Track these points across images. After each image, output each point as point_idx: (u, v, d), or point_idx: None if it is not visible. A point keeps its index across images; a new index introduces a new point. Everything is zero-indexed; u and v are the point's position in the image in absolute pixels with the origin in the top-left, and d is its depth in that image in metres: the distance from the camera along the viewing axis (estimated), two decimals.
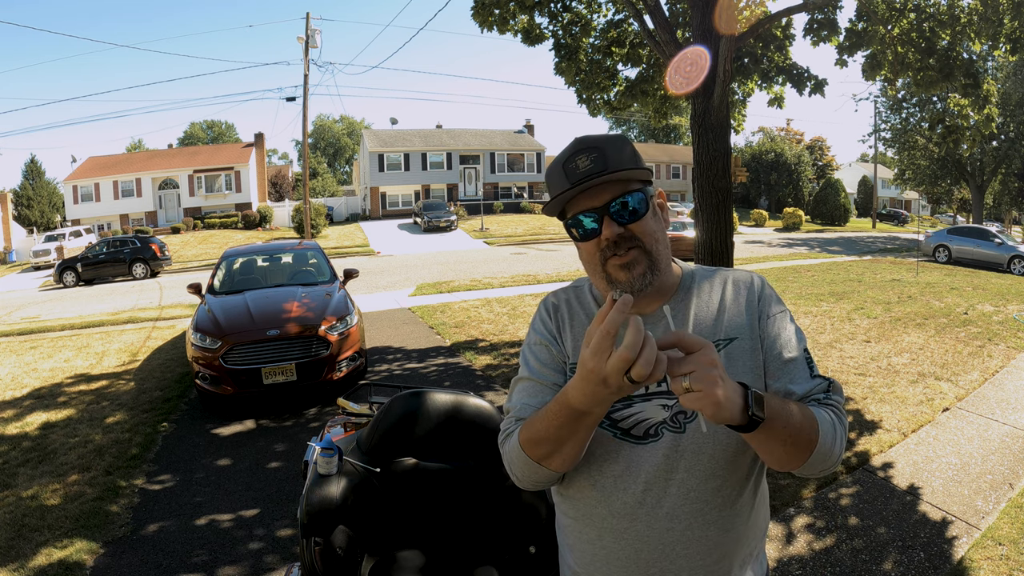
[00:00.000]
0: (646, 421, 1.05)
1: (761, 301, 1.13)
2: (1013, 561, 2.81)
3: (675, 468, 1.04)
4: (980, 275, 14.30)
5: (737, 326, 1.10)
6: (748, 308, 1.12)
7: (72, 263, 19.71)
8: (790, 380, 1.07)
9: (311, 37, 23.73)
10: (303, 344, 5.32)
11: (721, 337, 1.09)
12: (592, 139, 1.07)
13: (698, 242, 6.07)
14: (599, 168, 1.03)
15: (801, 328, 1.17)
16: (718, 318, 1.11)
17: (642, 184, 1.07)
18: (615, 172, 1.02)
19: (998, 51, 6.78)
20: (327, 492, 1.62)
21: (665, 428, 1.05)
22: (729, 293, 1.14)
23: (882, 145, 37.65)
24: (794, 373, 1.07)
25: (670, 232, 6.04)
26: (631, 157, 1.07)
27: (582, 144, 1.06)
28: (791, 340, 1.10)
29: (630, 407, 1.07)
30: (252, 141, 39.99)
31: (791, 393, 1.05)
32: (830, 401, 1.06)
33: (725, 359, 1.07)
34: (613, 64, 7.84)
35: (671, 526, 1.05)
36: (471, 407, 1.84)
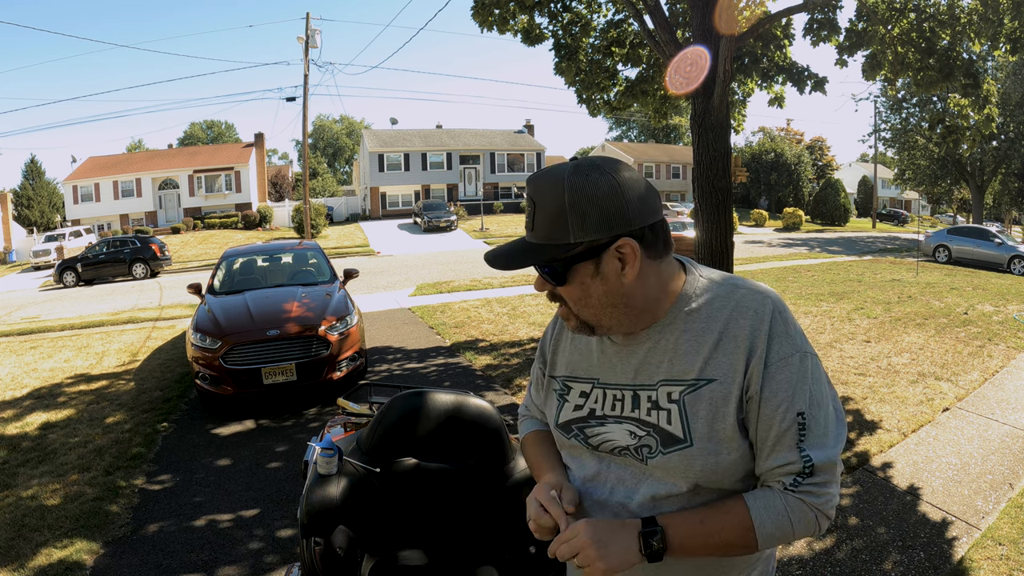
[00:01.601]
0: (612, 442, 1.07)
1: (765, 343, 0.97)
2: (1013, 561, 2.81)
3: (638, 486, 1.06)
4: (980, 275, 14.30)
5: (723, 366, 0.98)
6: (743, 348, 0.98)
7: (72, 263, 19.72)
8: (772, 450, 0.97)
9: (311, 37, 23.74)
10: (303, 344, 5.32)
11: (699, 376, 0.99)
12: (534, 188, 0.98)
13: (698, 242, 6.08)
14: (530, 224, 0.99)
15: (816, 370, 1.00)
16: (702, 353, 1.00)
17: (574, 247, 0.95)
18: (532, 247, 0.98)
19: (998, 51, 6.78)
20: (327, 492, 1.62)
21: (628, 454, 1.06)
22: (728, 324, 1.00)
23: (882, 145, 37.69)
24: (777, 442, 0.97)
25: (671, 232, 6.00)
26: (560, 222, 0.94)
27: (528, 186, 1.00)
28: (786, 398, 0.96)
29: (602, 426, 1.08)
30: (252, 141, 40.01)
31: (764, 464, 0.98)
32: (796, 490, 0.95)
33: (692, 401, 0.99)
34: (613, 64, 7.85)
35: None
36: (471, 407, 1.84)
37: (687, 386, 1.00)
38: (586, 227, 0.94)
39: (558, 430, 1.15)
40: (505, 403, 5.28)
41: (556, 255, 0.96)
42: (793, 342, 0.99)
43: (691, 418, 0.99)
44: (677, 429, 1.00)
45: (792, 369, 0.97)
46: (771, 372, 0.97)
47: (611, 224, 0.94)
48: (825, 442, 0.96)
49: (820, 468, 0.95)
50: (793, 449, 0.96)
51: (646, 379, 1.03)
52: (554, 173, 0.96)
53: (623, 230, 0.94)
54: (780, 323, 0.99)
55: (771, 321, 0.99)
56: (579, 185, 0.94)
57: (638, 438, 1.04)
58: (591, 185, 0.94)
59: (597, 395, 1.09)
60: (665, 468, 1.02)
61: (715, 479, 1.00)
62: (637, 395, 1.04)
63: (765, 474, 0.99)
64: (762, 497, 0.97)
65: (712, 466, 0.99)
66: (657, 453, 1.02)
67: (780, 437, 0.96)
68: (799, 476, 0.95)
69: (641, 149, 49.87)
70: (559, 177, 0.95)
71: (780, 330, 0.99)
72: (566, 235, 0.95)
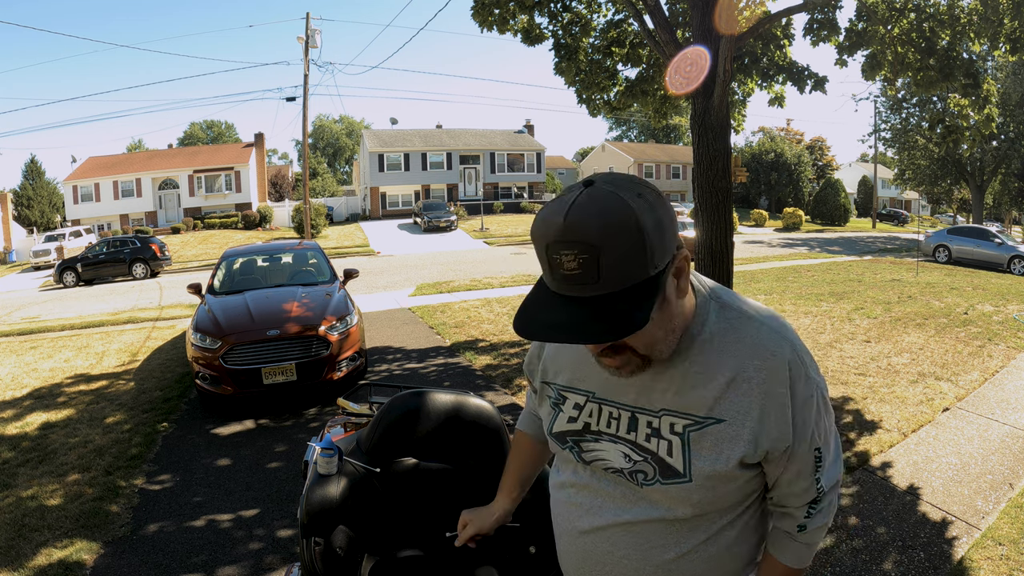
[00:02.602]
0: (605, 461, 1.05)
1: (789, 392, 0.95)
2: (1013, 561, 2.81)
3: (630, 506, 1.04)
4: (980, 275, 14.30)
5: (735, 409, 0.95)
6: (759, 393, 0.94)
7: (72, 263, 19.71)
8: (791, 481, 1.03)
9: (311, 37, 23.74)
10: (303, 344, 5.32)
11: (708, 415, 0.96)
12: (588, 231, 0.79)
13: (698, 242, 6.08)
14: (590, 276, 0.81)
15: (827, 402, 1.02)
16: (713, 391, 0.95)
17: (657, 280, 0.85)
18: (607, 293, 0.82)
19: (998, 51, 6.77)
20: (327, 492, 1.62)
21: (622, 477, 1.04)
22: (744, 365, 0.95)
23: (882, 145, 37.69)
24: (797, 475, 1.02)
25: None
26: (639, 257, 0.81)
27: (575, 233, 0.80)
28: (807, 438, 0.98)
29: (597, 443, 1.06)
30: (252, 141, 40.00)
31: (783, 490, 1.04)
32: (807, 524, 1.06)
33: (697, 438, 0.96)
34: (613, 64, 7.85)
35: (611, 550, 1.06)
36: (471, 407, 1.84)
37: (694, 422, 0.96)
38: (664, 250, 0.84)
39: (552, 438, 1.13)
40: (505, 403, 5.27)
41: (641, 297, 0.83)
42: (811, 382, 0.97)
43: (694, 455, 0.96)
44: (678, 463, 0.97)
45: (812, 409, 0.98)
46: (798, 419, 0.96)
47: (675, 237, 0.87)
48: (833, 467, 1.04)
49: (827, 492, 1.05)
50: (810, 479, 1.02)
51: (647, 404, 1.00)
52: (614, 209, 0.80)
53: (679, 239, 0.89)
54: (799, 365, 0.96)
55: (791, 365, 0.95)
56: (645, 210, 0.82)
57: (633, 463, 1.01)
58: (651, 206, 0.83)
59: (592, 409, 1.06)
60: (664, 495, 1.00)
61: (710, 506, 1.01)
62: (636, 417, 1.01)
63: (784, 500, 1.06)
64: (788, 547, 1.08)
65: (710, 498, 0.99)
66: (655, 481, 1.00)
67: (800, 471, 1.01)
68: (811, 505, 1.04)
69: (641, 149, 49.87)
70: (625, 212, 0.80)
71: (800, 373, 0.96)
72: (646, 268, 0.82)
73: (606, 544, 1.06)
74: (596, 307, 0.82)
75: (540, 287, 0.89)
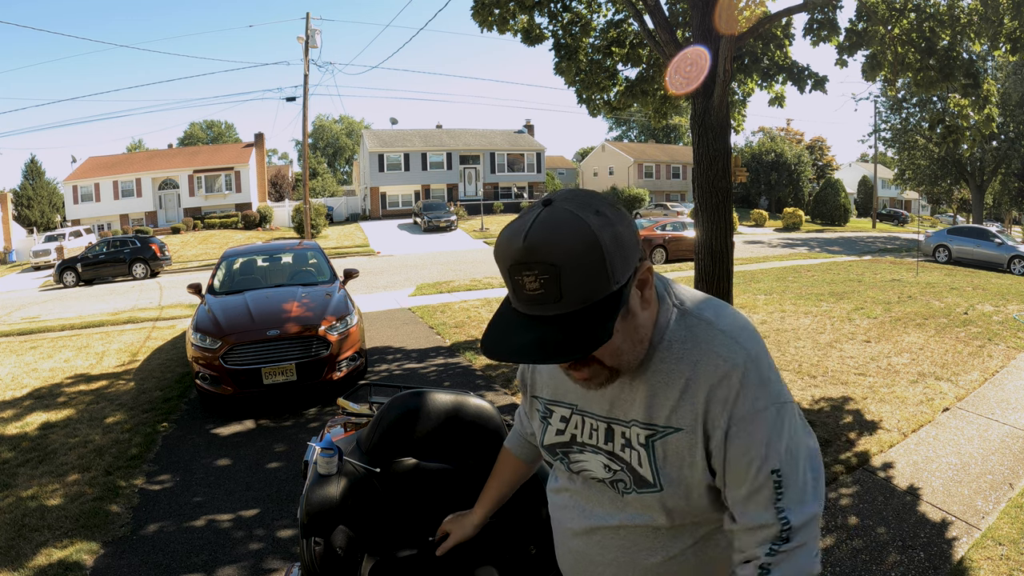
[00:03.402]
0: (589, 472, 1.09)
1: (734, 397, 0.90)
2: (1013, 561, 2.81)
3: (617, 513, 1.07)
4: (980, 275, 14.30)
5: (688, 415, 0.94)
6: (703, 399, 0.92)
7: (72, 263, 19.72)
8: (744, 502, 0.92)
9: (311, 37, 23.74)
10: (303, 344, 5.32)
11: (667, 424, 0.96)
12: (548, 251, 0.80)
13: (698, 242, 6.08)
14: (552, 295, 0.81)
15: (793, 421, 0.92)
16: (670, 399, 0.95)
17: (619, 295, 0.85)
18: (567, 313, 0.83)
19: (998, 51, 6.77)
20: (327, 492, 1.62)
21: (605, 487, 1.07)
22: (695, 370, 0.93)
23: (882, 145, 37.70)
24: (750, 497, 0.91)
25: (670, 232, 6.12)
26: (600, 274, 0.82)
27: (535, 254, 0.80)
28: (759, 454, 0.89)
29: (581, 453, 1.09)
30: (252, 141, 40.01)
31: (739, 516, 0.93)
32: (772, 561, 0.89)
33: (660, 447, 0.96)
34: (613, 64, 7.85)
35: (601, 552, 1.10)
36: (471, 407, 1.84)
37: (655, 432, 0.97)
38: (625, 265, 0.85)
39: (544, 450, 1.17)
40: (505, 403, 5.27)
41: (604, 312, 0.83)
42: (768, 393, 0.90)
43: (660, 464, 0.97)
44: (647, 473, 0.99)
45: (767, 423, 0.89)
46: (742, 426, 0.90)
47: (636, 251, 0.87)
48: (804, 498, 0.90)
49: (798, 529, 0.89)
50: (770, 508, 0.89)
51: (620, 415, 1.01)
52: (571, 228, 0.81)
53: (641, 252, 0.88)
54: (753, 373, 0.91)
55: (743, 372, 0.90)
56: (604, 227, 0.82)
57: (612, 472, 1.04)
58: (610, 222, 0.84)
59: (577, 421, 1.08)
60: (641, 503, 1.03)
61: (690, 515, 1.01)
62: (611, 428, 1.03)
63: (740, 535, 0.93)
64: None
65: (684, 506, 1.00)
66: (632, 490, 1.02)
67: (753, 494, 0.90)
68: (775, 543, 0.89)
69: (641, 149, 49.88)
70: (583, 230, 0.81)
71: (753, 380, 0.90)
72: (607, 284, 0.83)
73: (596, 547, 1.10)
74: (560, 325, 0.83)
75: (506, 307, 0.90)
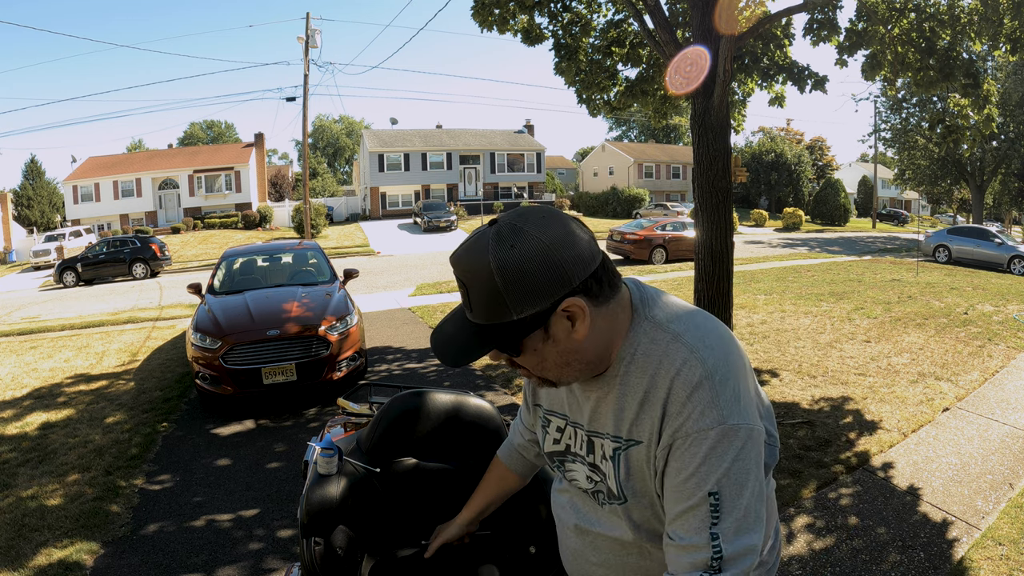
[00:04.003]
0: (577, 482, 1.14)
1: (681, 411, 0.89)
2: (1013, 561, 2.81)
3: (599, 521, 1.12)
4: (980, 275, 14.30)
5: (644, 429, 0.95)
6: (658, 411, 0.92)
7: (72, 263, 19.71)
8: (677, 519, 0.90)
9: (311, 37, 23.74)
10: (303, 344, 5.32)
11: (629, 436, 0.98)
12: (461, 270, 0.89)
13: (698, 242, 6.08)
14: (468, 306, 0.92)
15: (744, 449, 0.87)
16: (631, 411, 0.97)
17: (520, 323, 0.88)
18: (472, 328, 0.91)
19: (998, 51, 6.78)
20: (327, 492, 1.62)
21: (588, 496, 1.13)
22: (653, 382, 0.93)
23: (882, 145, 37.69)
24: (685, 515, 0.88)
25: (670, 232, 6.19)
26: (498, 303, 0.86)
27: (455, 268, 0.90)
28: (698, 475, 0.87)
29: (573, 463, 1.13)
30: (252, 141, 40.01)
31: (671, 534, 0.90)
32: None
33: (623, 460, 0.99)
34: (613, 64, 7.85)
35: (594, 552, 1.14)
36: (471, 407, 1.84)
37: (620, 445, 1.00)
38: (527, 301, 0.86)
39: (546, 457, 1.22)
40: (505, 403, 5.28)
41: (504, 334, 0.89)
42: (718, 413, 0.87)
43: (623, 477, 1.00)
44: (614, 485, 1.03)
45: (708, 443, 0.86)
46: (685, 443, 0.88)
47: (552, 290, 0.86)
48: (741, 528, 0.86)
49: (730, 560, 0.85)
50: (703, 531, 0.86)
51: (598, 427, 1.05)
52: (477, 253, 0.86)
53: (565, 291, 0.87)
54: (707, 390, 0.88)
55: (694, 387, 0.88)
56: (506, 261, 0.84)
57: (594, 483, 1.08)
58: (519, 258, 0.84)
59: (570, 432, 1.13)
60: (614, 515, 1.08)
61: (655, 525, 1.04)
62: (592, 440, 1.07)
63: (672, 552, 0.89)
64: None
65: (649, 517, 1.03)
66: (607, 502, 1.07)
67: (687, 513, 0.88)
68: (705, 572, 0.85)
69: (641, 149, 49.88)
70: (483, 258, 0.85)
71: (704, 398, 0.87)
72: (507, 314, 0.87)
73: (589, 547, 1.15)
74: (474, 333, 0.91)
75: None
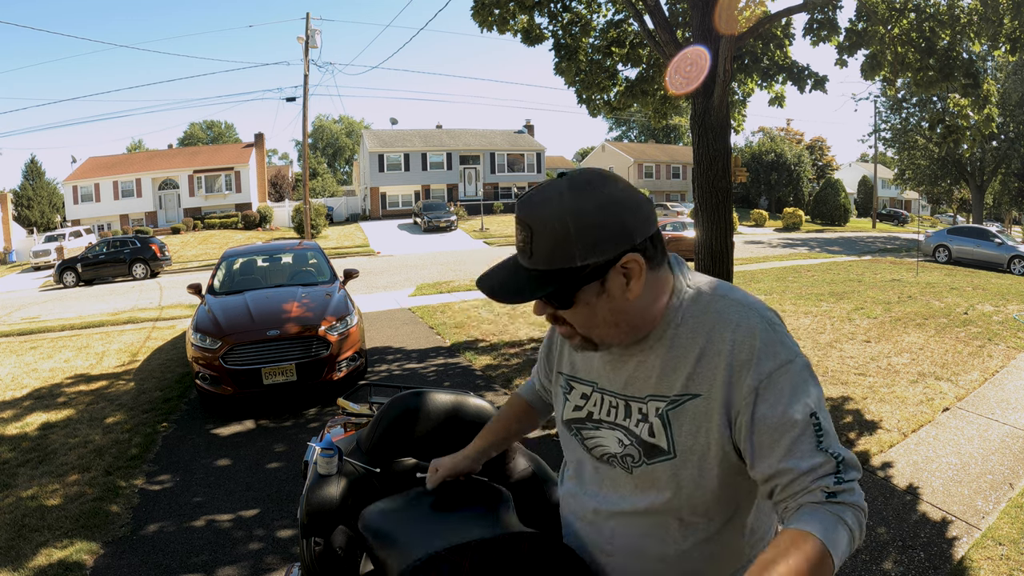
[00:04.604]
0: (603, 448, 1.11)
1: (755, 356, 0.94)
2: (1013, 561, 2.81)
3: (627, 495, 1.09)
4: (980, 275, 14.30)
5: (706, 381, 0.97)
6: (728, 363, 0.95)
7: (72, 263, 19.71)
8: (787, 455, 0.90)
9: (311, 37, 23.75)
10: (303, 344, 5.32)
11: (684, 391, 0.99)
12: (529, 213, 0.94)
13: (698, 242, 6.08)
14: (527, 251, 0.95)
15: (814, 377, 0.95)
16: (686, 368, 0.99)
17: (581, 271, 0.92)
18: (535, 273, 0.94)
19: (998, 51, 6.77)
20: (327, 492, 1.62)
21: (616, 462, 1.09)
22: (710, 338, 0.98)
23: (882, 145, 37.70)
24: (790, 446, 0.90)
25: (670, 232, 6.19)
26: (565, 248, 0.91)
27: (521, 211, 0.95)
28: (793, 403, 0.91)
29: (597, 430, 1.12)
30: (252, 141, 40.00)
31: (786, 471, 0.89)
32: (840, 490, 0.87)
33: (676, 415, 0.99)
34: (613, 64, 7.85)
35: (610, 538, 1.12)
36: (471, 407, 1.84)
37: (671, 401, 1.01)
38: (592, 250, 0.91)
39: (562, 426, 1.21)
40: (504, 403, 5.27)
41: (562, 281, 0.93)
42: (788, 349, 0.95)
43: (675, 431, 1.00)
44: (661, 441, 1.01)
45: (794, 373, 0.93)
46: (770, 381, 0.92)
47: (616, 243, 0.92)
48: (836, 440, 0.92)
49: (846, 463, 0.90)
50: (816, 452, 0.89)
51: (635, 392, 1.05)
52: (550, 197, 0.92)
53: (627, 246, 0.93)
54: (771, 333, 0.95)
55: (760, 332, 0.95)
56: (581, 208, 0.91)
57: (624, 447, 1.07)
58: (593, 207, 0.91)
59: (596, 399, 1.12)
60: (650, 479, 1.04)
61: (698, 493, 1.01)
62: (629, 405, 1.07)
63: (793, 484, 0.89)
64: (815, 518, 0.85)
65: (696, 478, 1.00)
66: (641, 463, 1.05)
67: (796, 441, 0.90)
68: (836, 477, 0.88)
69: (641, 149, 49.88)
70: (558, 201, 0.91)
71: (772, 339, 0.95)
72: (572, 260, 0.92)
73: (607, 533, 1.12)
74: (531, 278, 0.95)
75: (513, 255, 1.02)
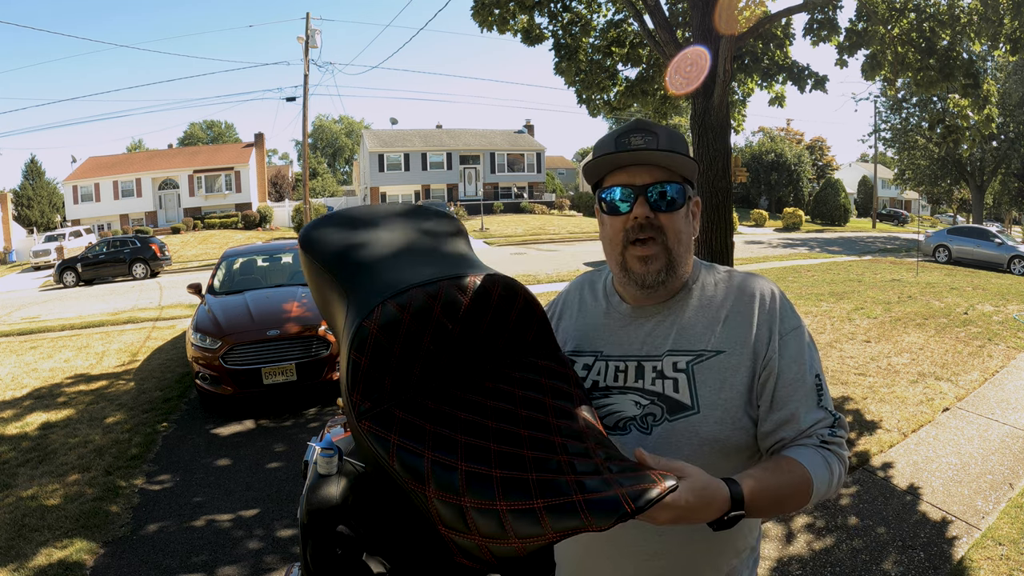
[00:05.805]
0: (618, 414, 1.10)
1: (776, 318, 1.07)
2: (1013, 561, 2.81)
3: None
4: (980, 275, 14.30)
5: (732, 339, 1.06)
6: (756, 323, 1.06)
7: (72, 263, 19.70)
8: (796, 409, 1.02)
9: (311, 37, 23.74)
10: (303, 344, 5.32)
11: (707, 347, 1.06)
12: (651, 123, 1.09)
13: (698, 242, 6.07)
14: (652, 144, 1.05)
15: (814, 342, 1.10)
16: (711, 327, 1.08)
17: (684, 180, 1.08)
18: (666, 152, 1.04)
19: (998, 51, 6.77)
20: (327, 492, 1.62)
21: (633, 425, 1.08)
22: (735, 302, 1.09)
23: (882, 145, 37.68)
24: (800, 400, 1.03)
25: None
26: (684, 149, 1.09)
27: (641, 124, 1.08)
28: (804, 363, 1.05)
29: (608, 397, 1.11)
30: (252, 141, 39.98)
31: (793, 420, 1.02)
32: (832, 440, 1.01)
33: (700, 370, 1.05)
34: (613, 64, 7.84)
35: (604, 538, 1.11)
36: None
37: (695, 356, 1.05)
38: (693, 175, 1.10)
39: None
40: None
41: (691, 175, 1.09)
42: (796, 317, 1.09)
43: (699, 386, 1.04)
44: (685, 396, 1.04)
45: (801, 338, 1.07)
46: (786, 341, 1.05)
47: (694, 183, 1.12)
48: (831, 400, 1.07)
49: (840, 423, 1.04)
50: (818, 408, 1.03)
51: (652, 350, 1.09)
52: (673, 130, 1.10)
53: (695, 192, 1.13)
54: (785, 300, 1.10)
55: (779, 299, 1.09)
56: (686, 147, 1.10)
57: (642, 407, 1.07)
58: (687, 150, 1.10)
59: (600, 367, 1.13)
60: (669, 438, 1.04)
61: (716, 448, 1.02)
62: (642, 366, 1.09)
63: (799, 434, 1.02)
64: (805, 453, 0.99)
65: (716, 433, 1.02)
66: (663, 421, 1.05)
67: (805, 397, 1.03)
68: (831, 430, 1.02)
69: None
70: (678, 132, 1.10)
71: (786, 306, 1.09)
72: (687, 165, 1.06)
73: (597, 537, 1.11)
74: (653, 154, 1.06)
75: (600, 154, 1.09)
